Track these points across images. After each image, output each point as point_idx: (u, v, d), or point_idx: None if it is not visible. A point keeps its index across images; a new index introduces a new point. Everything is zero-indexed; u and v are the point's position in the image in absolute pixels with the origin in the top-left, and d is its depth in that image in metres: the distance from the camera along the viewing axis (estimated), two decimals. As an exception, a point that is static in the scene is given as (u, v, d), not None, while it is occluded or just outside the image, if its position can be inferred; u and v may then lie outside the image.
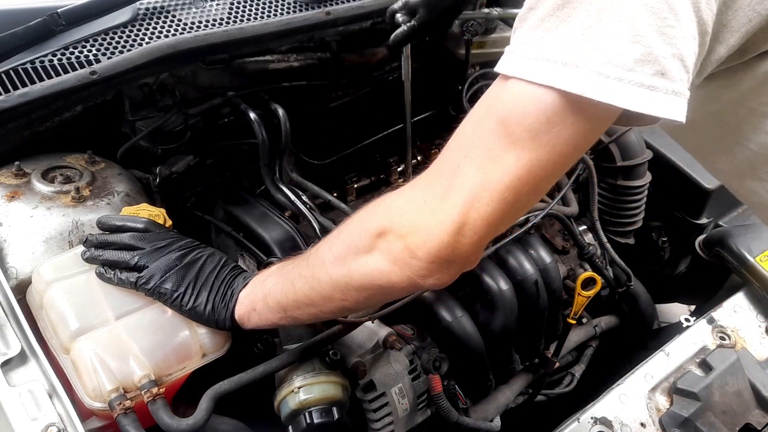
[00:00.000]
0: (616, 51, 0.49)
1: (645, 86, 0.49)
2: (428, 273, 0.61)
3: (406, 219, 0.61)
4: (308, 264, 0.75)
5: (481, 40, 1.57)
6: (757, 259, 1.39)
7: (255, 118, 1.26)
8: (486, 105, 0.59)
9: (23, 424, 0.80)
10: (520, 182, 0.56)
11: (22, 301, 0.95)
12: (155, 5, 1.29)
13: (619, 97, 0.50)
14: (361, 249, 0.66)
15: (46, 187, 1.07)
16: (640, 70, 0.49)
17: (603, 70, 0.50)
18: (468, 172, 0.56)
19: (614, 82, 0.49)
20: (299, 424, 0.95)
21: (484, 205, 0.57)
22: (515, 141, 0.55)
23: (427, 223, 0.58)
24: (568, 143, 0.55)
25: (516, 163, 0.55)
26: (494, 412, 1.28)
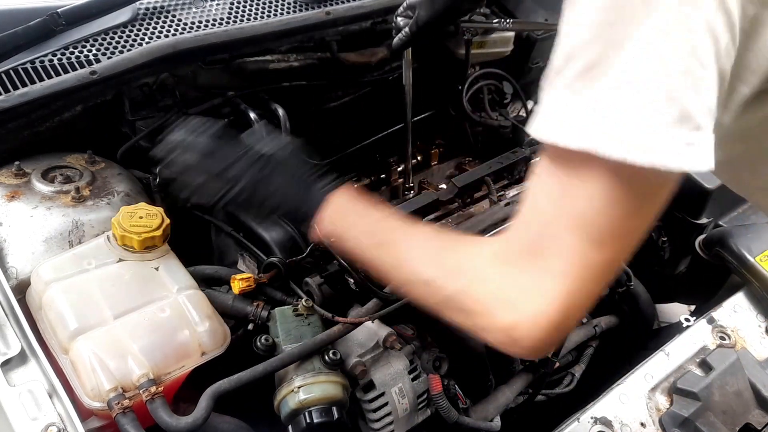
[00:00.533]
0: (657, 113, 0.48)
1: (686, 144, 0.49)
2: (533, 346, 0.59)
3: (502, 310, 0.58)
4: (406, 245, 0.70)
5: (481, 40, 1.57)
6: (757, 259, 1.39)
7: (255, 118, 1.26)
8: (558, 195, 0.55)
9: (23, 423, 0.80)
10: (612, 261, 0.56)
11: (22, 301, 0.96)
12: (155, 5, 1.30)
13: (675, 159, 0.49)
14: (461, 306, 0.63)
15: (46, 187, 1.07)
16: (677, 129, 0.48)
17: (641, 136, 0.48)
18: (565, 262, 0.54)
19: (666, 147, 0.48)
20: (299, 423, 0.95)
21: (583, 292, 0.56)
22: (599, 239, 0.54)
23: (530, 319, 0.56)
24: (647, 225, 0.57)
25: (603, 251, 0.55)
26: (494, 412, 1.28)
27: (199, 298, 0.99)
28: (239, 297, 1.07)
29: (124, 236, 0.99)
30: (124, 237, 0.99)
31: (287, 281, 1.13)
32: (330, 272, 1.14)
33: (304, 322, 1.05)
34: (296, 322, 1.05)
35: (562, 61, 0.53)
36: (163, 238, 1.02)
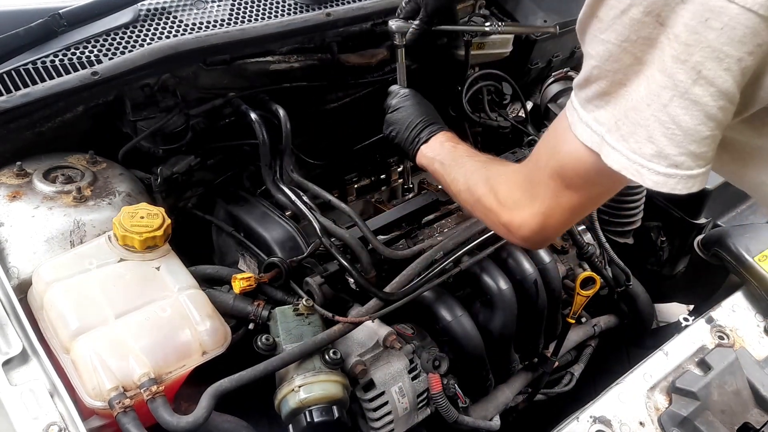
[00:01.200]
0: (638, 145, 0.64)
1: (661, 174, 0.64)
2: (521, 242, 0.88)
3: (507, 210, 0.85)
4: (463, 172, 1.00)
5: (480, 41, 1.57)
6: (756, 259, 1.40)
7: (256, 118, 1.26)
8: (552, 144, 0.78)
9: (25, 422, 0.80)
10: (579, 206, 0.79)
11: (24, 301, 0.96)
12: (156, 6, 1.30)
13: (642, 178, 0.65)
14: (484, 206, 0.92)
15: (48, 187, 1.08)
16: (656, 162, 0.64)
17: (630, 156, 0.65)
18: (545, 193, 0.79)
19: (638, 167, 0.65)
20: (299, 422, 0.96)
21: (557, 217, 0.80)
22: (570, 185, 0.76)
23: (521, 219, 0.83)
24: (610, 189, 0.80)
25: (572, 197, 0.78)
26: (494, 411, 1.29)
27: (200, 297, 0.99)
28: (240, 296, 1.08)
29: (126, 236, 0.99)
30: (126, 237, 0.99)
31: (288, 281, 1.13)
32: (330, 272, 1.14)
33: (305, 321, 1.06)
34: (297, 321, 1.05)
35: (584, 81, 0.69)
36: (164, 238, 1.02)
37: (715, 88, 0.59)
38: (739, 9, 0.55)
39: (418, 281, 1.14)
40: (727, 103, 0.61)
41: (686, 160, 0.63)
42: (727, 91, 0.60)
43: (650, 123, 0.63)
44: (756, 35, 0.56)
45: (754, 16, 0.55)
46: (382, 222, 1.29)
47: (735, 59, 0.58)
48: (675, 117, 0.61)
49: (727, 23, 0.56)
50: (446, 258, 1.18)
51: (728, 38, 0.57)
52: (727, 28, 0.56)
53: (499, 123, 1.64)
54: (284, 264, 1.12)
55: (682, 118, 0.61)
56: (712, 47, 0.57)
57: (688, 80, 0.59)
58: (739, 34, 0.56)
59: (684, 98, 0.60)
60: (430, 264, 1.16)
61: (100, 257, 0.99)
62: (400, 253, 1.19)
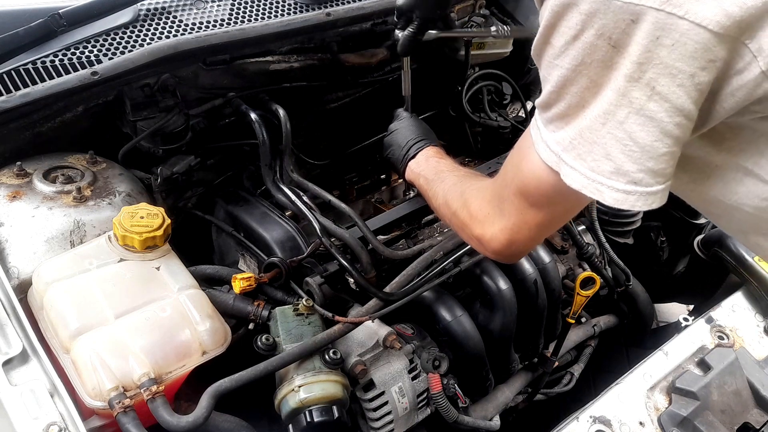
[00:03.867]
0: (596, 163, 0.65)
1: (621, 191, 0.64)
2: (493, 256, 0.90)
3: (478, 224, 0.88)
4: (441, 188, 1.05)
5: (480, 41, 1.58)
6: (756, 259, 1.40)
7: (256, 118, 1.26)
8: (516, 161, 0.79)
9: (25, 422, 0.80)
10: (545, 223, 0.80)
11: (24, 301, 0.96)
12: (156, 6, 1.30)
13: (602, 196, 0.65)
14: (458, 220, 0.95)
15: (48, 187, 1.08)
16: (615, 179, 0.64)
17: (588, 174, 0.65)
18: (511, 210, 0.81)
19: (597, 185, 0.65)
20: (299, 422, 0.96)
21: (524, 233, 0.81)
22: (534, 203, 0.78)
23: (491, 234, 0.85)
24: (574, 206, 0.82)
25: (537, 215, 0.79)
26: (494, 411, 1.29)
27: (200, 297, 0.99)
28: (240, 296, 1.08)
29: (126, 236, 0.99)
30: (126, 237, 0.99)
31: (288, 281, 1.13)
32: (330, 272, 1.14)
33: (305, 321, 1.06)
34: (297, 321, 1.05)
35: (544, 103, 0.70)
36: (164, 237, 1.02)
37: (670, 104, 0.59)
38: (690, 25, 0.55)
39: (418, 281, 1.14)
40: (683, 120, 0.61)
41: (645, 177, 0.63)
42: (683, 107, 0.60)
43: (607, 141, 0.63)
44: (707, 51, 0.56)
45: (704, 32, 0.55)
46: (382, 222, 1.29)
47: (688, 75, 0.58)
48: (632, 134, 0.61)
49: (678, 39, 0.56)
50: (446, 258, 1.18)
51: (680, 54, 0.57)
52: (678, 44, 0.56)
53: (499, 123, 1.64)
54: (284, 264, 1.12)
55: (639, 135, 0.61)
56: (664, 63, 0.58)
57: (643, 97, 0.60)
58: (690, 49, 0.56)
59: (640, 115, 0.60)
60: (430, 264, 1.16)
61: (100, 257, 0.99)
62: (400, 253, 1.19)
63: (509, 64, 1.67)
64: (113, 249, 1.00)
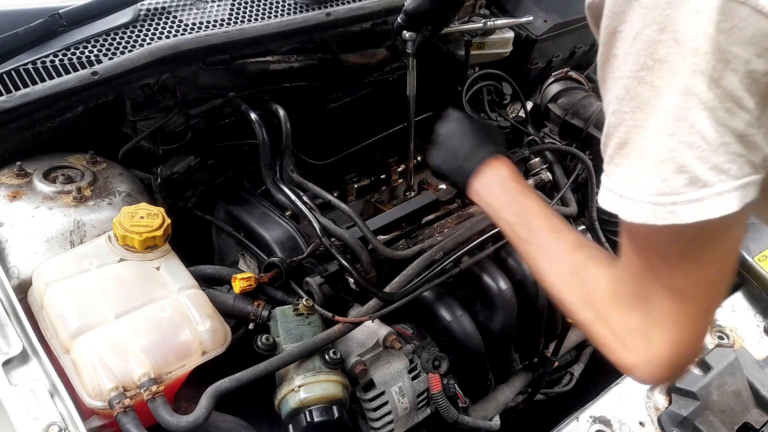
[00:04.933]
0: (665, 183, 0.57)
1: (696, 201, 0.57)
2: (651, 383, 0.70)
3: (621, 347, 0.67)
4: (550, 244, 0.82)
5: (480, 41, 1.57)
6: (756, 259, 1.40)
7: (256, 118, 1.26)
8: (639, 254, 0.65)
9: (25, 422, 0.80)
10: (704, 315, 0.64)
11: (24, 301, 0.96)
12: (156, 6, 1.30)
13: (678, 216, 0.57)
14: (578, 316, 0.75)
15: (48, 187, 1.08)
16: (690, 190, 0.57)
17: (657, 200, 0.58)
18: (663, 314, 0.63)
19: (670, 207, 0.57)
20: (299, 422, 0.96)
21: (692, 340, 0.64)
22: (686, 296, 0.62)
23: (649, 359, 0.65)
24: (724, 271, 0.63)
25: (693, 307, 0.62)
26: (494, 411, 1.29)
27: (200, 297, 0.99)
28: (240, 296, 1.08)
29: (126, 236, 0.99)
30: (126, 237, 0.99)
31: (288, 281, 1.13)
32: (330, 272, 1.14)
33: (305, 321, 1.06)
34: (297, 321, 1.05)
35: (605, 138, 0.63)
36: (164, 237, 1.02)
37: (722, 90, 0.57)
38: (750, 10, 0.54)
39: (418, 281, 1.14)
40: (733, 106, 0.58)
41: (713, 176, 0.57)
42: (732, 93, 0.57)
43: (679, 150, 0.57)
44: (764, 38, 0.55)
45: (763, 19, 0.54)
46: (382, 222, 1.29)
47: (742, 60, 0.56)
48: (701, 132, 0.57)
49: (737, 24, 0.55)
50: (446, 258, 1.18)
51: (736, 39, 0.55)
52: (736, 29, 0.55)
53: (499, 123, 1.64)
54: (284, 264, 1.12)
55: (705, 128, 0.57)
56: (721, 49, 0.56)
57: (705, 87, 0.56)
58: (747, 35, 0.55)
59: (704, 108, 0.57)
60: (430, 264, 1.16)
61: (100, 257, 0.99)
62: (400, 253, 1.19)
63: (509, 64, 1.67)
64: (113, 249, 1.00)
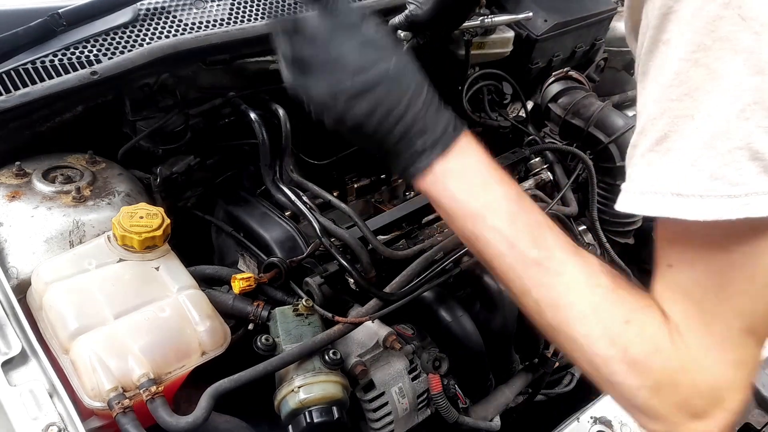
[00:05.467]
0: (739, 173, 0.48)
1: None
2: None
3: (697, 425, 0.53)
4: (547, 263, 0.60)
5: (481, 40, 1.57)
6: (757, 259, 1.39)
7: (255, 118, 1.26)
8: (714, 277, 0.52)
9: (24, 423, 0.80)
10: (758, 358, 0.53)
11: (23, 301, 0.96)
12: (156, 6, 1.30)
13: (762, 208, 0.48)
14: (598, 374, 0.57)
15: (47, 187, 1.07)
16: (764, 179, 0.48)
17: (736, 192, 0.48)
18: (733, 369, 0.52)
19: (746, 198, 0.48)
20: (299, 423, 0.96)
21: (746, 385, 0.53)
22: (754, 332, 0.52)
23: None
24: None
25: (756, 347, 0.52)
26: (494, 412, 1.28)
27: (199, 297, 0.99)
28: (240, 297, 1.08)
29: (125, 236, 0.99)
30: (125, 237, 0.99)
31: (287, 281, 1.13)
32: (330, 272, 1.14)
33: (305, 321, 1.05)
34: (296, 321, 1.05)
35: (637, 136, 0.54)
36: (163, 238, 1.02)
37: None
38: None
39: (418, 281, 1.13)
40: None
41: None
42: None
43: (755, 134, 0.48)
44: None
45: None
46: (382, 222, 1.29)
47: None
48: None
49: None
50: (446, 258, 1.18)
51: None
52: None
53: (499, 123, 1.63)
54: (284, 264, 1.12)
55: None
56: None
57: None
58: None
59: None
60: (430, 264, 1.16)
61: (99, 257, 0.98)
62: (400, 253, 1.18)
63: (509, 63, 1.66)
64: (112, 249, 1.00)
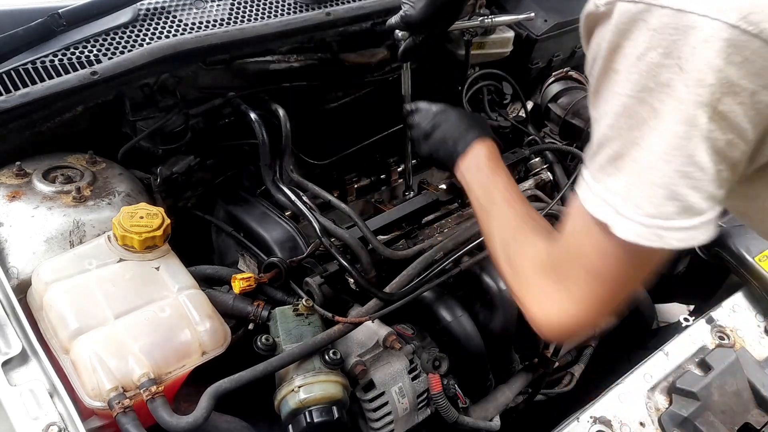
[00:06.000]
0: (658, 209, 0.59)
1: (685, 228, 0.60)
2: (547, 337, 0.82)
3: (531, 299, 0.76)
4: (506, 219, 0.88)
5: (480, 40, 1.57)
6: (756, 259, 1.40)
7: (255, 118, 1.26)
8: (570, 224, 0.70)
9: (24, 423, 0.80)
10: (614, 296, 0.70)
11: (23, 301, 0.96)
12: (156, 6, 1.30)
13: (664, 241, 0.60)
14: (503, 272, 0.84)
15: (47, 187, 1.07)
16: (681, 218, 0.60)
17: (646, 222, 0.60)
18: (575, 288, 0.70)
19: (659, 230, 0.60)
20: (299, 422, 0.96)
21: (591, 313, 0.71)
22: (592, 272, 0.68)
23: (549, 316, 0.74)
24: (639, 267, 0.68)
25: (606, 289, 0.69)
26: (494, 412, 1.28)
27: (199, 297, 0.99)
28: (240, 297, 1.08)
29: (125, 236, 0.99)
30: (125, 237, 0.99)
31: (288, 281, 1.13)
32: (330, 272, 1.14)
33: (305, 321, 1.06)
34: (296, 321, 1.05)
35: (596, 146, 0.65)
36: (163, 238, 1.02)
37: (726, 123, 0.57)
38: (762, 43, 0.54)
39: (418, 281, 1.13)
40: (735, 137, 0.58)
41: (707, 205, 0.59)
42: (738, 126, 0.57)
43: (673, 179, 0.58)
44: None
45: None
46: (382, 222, 1.29)
47: (749, 92, 0.56)
48: (699, 162, 0.58)
49: (748, 57, 0.54)
50: (446, 258, 1.18)
51: (746, 71, 0.55)
52: (747, 62, 0.54)
53: (499, 123, 1.64)
54: (284, 264, 1.12)
55: (703, 160, 0.58)
56: (730, 82, 0.55)
57: (706, 118, 0.56)
58: (757, 67, 0.55)
59: (702, 139, 0.57)
60: (430, 264, 1.16)
61: (99, 257, 0.99)
62: (400, 253, 1.19)
63: (509, 63, 1.67)
64: (113, 249, 1.00)
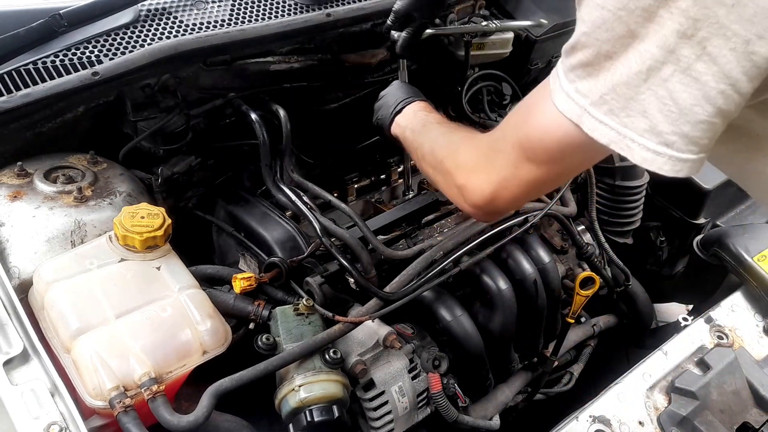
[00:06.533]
0: (630, 119, 0.62)
1: (651, 150, 0.62)
2: (471, 210, 0.86)
3: (463, 173, 0.84)
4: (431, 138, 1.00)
5: (480, 41, 1.57)
6: (755, 259, 1.40)
7: (256, 118, 1.26)
8: (524, 112, 0.76)
9: (25, 422, 0.81)
10: (537, 182, 0.76)
11: (25, 301, 0.96)
12: (157, 7, 1.30)
13: (631, 153, 0.63)
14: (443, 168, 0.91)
15: (49, 187, 1.08)
16: (647, 138, 0.62)
17: (620, 130, 0.63)
18: (504, 162, 0.77)
19: (628, 141, 0.63)
20: (300, 422, 0.96)
21: (511, 189, 0.78)
22: (532, 158, 0.74)
23: (475, 184, 0.82)
24: (572, 167, 0.76)
25: (531, 171, 0.75)
26: (493, 411, 1.29)
27: (200, 297, 1.00)
28: (240, 296, 1.08)
29: (126, 236, 0.99)
30: (126, 237, 0.99)
31: (288, 281, 1.13)
32: (330, 272, 1.15)
33: (305, 321, 1.06)
34: (297, 321, 1.06)
35: (570, 48, 0.66)
36: (164, 237, 1.03)
37: (718, 68, 0.56)
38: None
39: (418, 281, 1.14)
40: (729, 89, 0.57)
41: (678, 141, 0.61)
42: (730, 74, 0.56)
43: (645, 97, 0.60)
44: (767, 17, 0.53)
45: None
46: (382, 222, 1.30)
47: (742, 40, 0.55)
48: (673, 93, 0.59)
49: (739, 0, 0.54)
50: (446, 258, 1.18)
51: (738, 16, 0.54)
52: (739, 5, 0.54)
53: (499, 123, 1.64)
54: (284, 264, 1.13)
55: (680, 95, 0.59)
56: (720, 23, 0.55)
57: (692, 55, 0.57)
58: (749, 12, 0.54)
59: (685, 74, 0.58)
60: (430, 264, 1.17)
61: (100, 257, 0.99)
62: (400, 253, 1.19)
63: (509, 64, 1.67)
64: (114, 249, 1.01)
